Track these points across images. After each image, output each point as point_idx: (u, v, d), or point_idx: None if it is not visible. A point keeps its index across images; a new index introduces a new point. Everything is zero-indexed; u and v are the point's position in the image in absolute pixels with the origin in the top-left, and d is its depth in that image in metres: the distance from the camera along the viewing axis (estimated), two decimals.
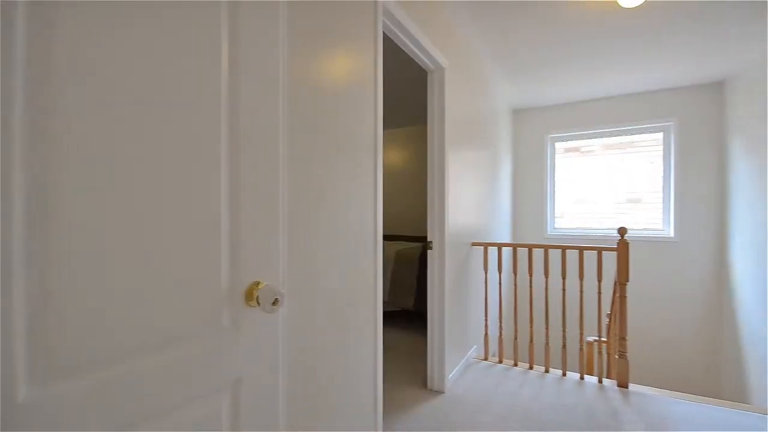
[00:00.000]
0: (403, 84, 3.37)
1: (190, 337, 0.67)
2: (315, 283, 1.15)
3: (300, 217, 1.09)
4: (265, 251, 0.81)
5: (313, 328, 1.15)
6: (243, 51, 0.74)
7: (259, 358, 0.80)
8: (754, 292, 3.08)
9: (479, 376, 2.45)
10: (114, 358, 0.56)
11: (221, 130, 0.71)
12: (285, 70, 1.02)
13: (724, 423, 1.93)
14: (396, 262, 3.18)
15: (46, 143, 0.48)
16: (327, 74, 1.20)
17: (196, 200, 0.67)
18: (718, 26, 2.56)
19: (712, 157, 3.79)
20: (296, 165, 1.07)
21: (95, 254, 0.53)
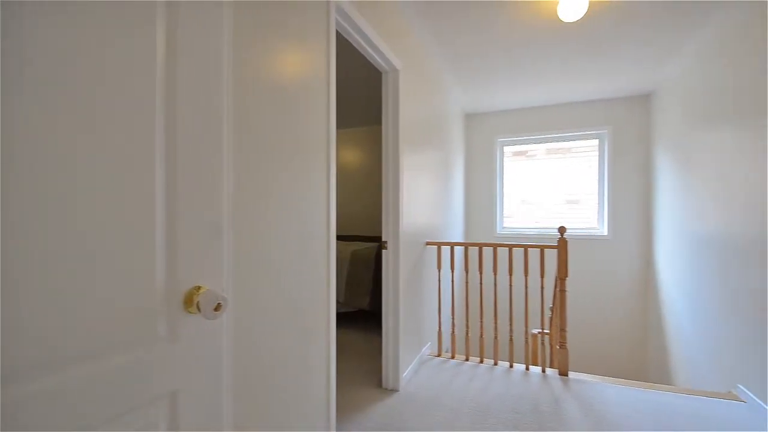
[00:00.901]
0: (359, 84, 3.37)
1: (119, 347, 0.61)
2: (265, 286, 1.11)
3: (248, 217, 1.04)
4: (206, 254, 0.77)
5: (262, 332, 1.11)
6: (182, 45, 0.70)
7: (199, 368, 0.75)
8: (675, 284, 3.44)
9: (433, 373, 2.51)
10: (29, 371, 0.50)
11: (155, 127, 0.66)
12: (230, 66, 0.97)
13: (649, 403, 2.13)
14: (352, 263, 3.17)
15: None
16: (278, 71, 1.16)
17: (127, 201, 0.61)
18: (646, 45, 2.83)
19: (640, 162, 4.18)
20: (244, 163, 1.03)
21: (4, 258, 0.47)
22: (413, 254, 2.53)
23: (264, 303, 1.11)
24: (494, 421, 1.95)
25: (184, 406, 0.72)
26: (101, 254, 0.58)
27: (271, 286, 1.14)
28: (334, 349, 1.47)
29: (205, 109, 0.75)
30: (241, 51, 1.01)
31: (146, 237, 0.65)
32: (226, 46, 0.82)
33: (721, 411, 2.05)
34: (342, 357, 2.75)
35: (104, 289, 0.59)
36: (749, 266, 2.17)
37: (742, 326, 2.24)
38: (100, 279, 0.58)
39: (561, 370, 2.50)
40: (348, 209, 4.75)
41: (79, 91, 0.55)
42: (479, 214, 4.85)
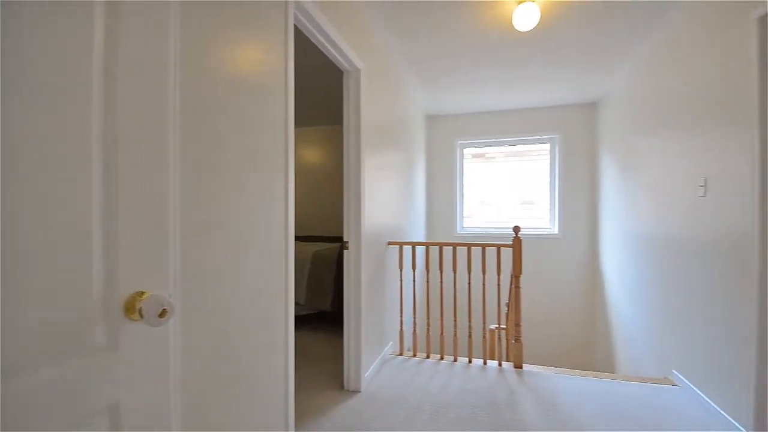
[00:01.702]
0: (321, 82, 3.32)
1: (48, 359, 0.56)
2: (218, 289, 1.07)
3: (199, 217, 1.00)
4: (150, 257, 0.72)
5: (216, 337, 1.06)
6: (123, 42, 0.65)
7: (143, 378, 0.71)
8: (618, 279, 3.71)
9: (394, 372, 2.53)
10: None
11: (92, 120, 0.61)
12: (178, 62, 0.92)
13: (595, 391, 2.28)
14: (313, 264, 3.12)
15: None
16: (233, 68, 1.12)
17: (59, 200, 0.57)
18: (592, 57, 3.03)
19: (587, 166, 4.48)
20: (194, 161, 0.98)
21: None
22: (375, 254, 2.54)
23: (217, 307, 1.07)
24: (453, 415, 2.00)
25: (127, 420, 0.67)
26: (25, 257, 0.53)
27: (224, 289, 1.09)
28: (292, 352, 1.44)
29: (150, 104, 0.71)
30: (191, 48, 0.96)
31: (81, 238, 0.60)
32: (173, 42, 0.78)
33: (658, 395, 2.24)
34: (303, 360, 2.70)
35: (29, 296, 0.54)
36: (682, 262, 2.38)
37: (676, 317, 2.45)
38: (24, 285, 0.53)
39: (516, 363, 2.62)
40: (310, 209, 4.67)
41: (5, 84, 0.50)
42: (440, 215, 4.96)
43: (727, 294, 1.90)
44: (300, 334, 3.19)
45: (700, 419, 1.96)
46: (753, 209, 1.69)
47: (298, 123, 4.61)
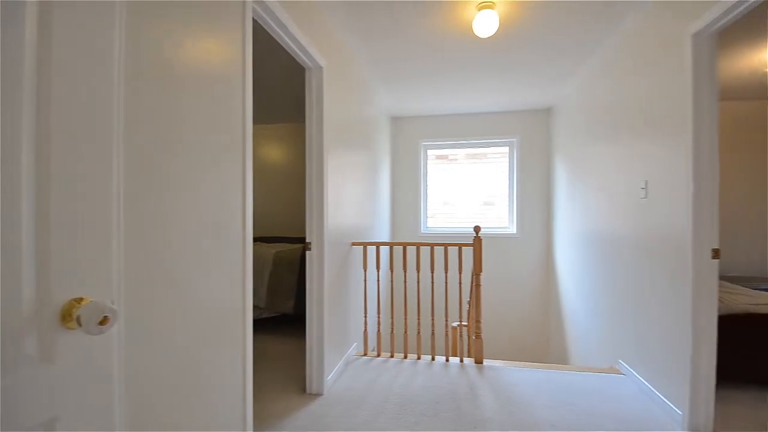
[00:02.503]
0: (286, 79, 3.24)
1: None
2: (169, 293, 1.01)
3: (147, 217, 0.94)
4: (89, 260, 0.67)
5: (166, 345, 1.00)
6: (59, 34, 0.60)
7: (83, 390, 0.65)
8: (570, 276, 3.93)
9: (358, 373, 2.52)
10: None
11: (23, 114, 0.56)
12: (123, 51, 0.86)
13: (550, 381, 2.40)
14: (275, 265, 3.03)
15: None
16: (187, 59, 1.06)
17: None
18: (547, 66, 3.19)
19: (542, 168, 4.71)
20: (142, 157, 0.92)
21: None
22: (339, 255, 2.52)
23: (168, 312, 1.01)
24: (416, 413, 2.02)
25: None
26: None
27: (176, 293, 1.04)
28: (251, 357, 1.40)
29: (89, 97, 0.66)
30: (138, 38, 0.90)
31: (9, 244, 0.54)
32: (119, 31, 0.72)
33: (605, 383, 2.39)
34: (263, 365, 2.62)
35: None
36: (627, 259, 2.56)
37: (621, 310, 2.64)
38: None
39: (476, 358, 2.70)
40: (272, 209, 4.54)
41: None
42: (405, 215, 5.01)
43: (665, 288, 2.07)
44: (261, 339, 3.09)
45: (642, 404, 2.13)
46: (687, 209, 1.85)
47: (262, 120, 4.47)
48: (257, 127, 4.59)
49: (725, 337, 1.99)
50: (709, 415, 1.82)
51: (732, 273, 4.07)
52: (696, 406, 1.83)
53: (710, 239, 1.80)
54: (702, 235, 1.80)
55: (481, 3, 2.29)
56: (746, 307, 2.33)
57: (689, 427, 1.84)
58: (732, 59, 3.01)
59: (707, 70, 1.81)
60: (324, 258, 2.15)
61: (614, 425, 1.91)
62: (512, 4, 2.29)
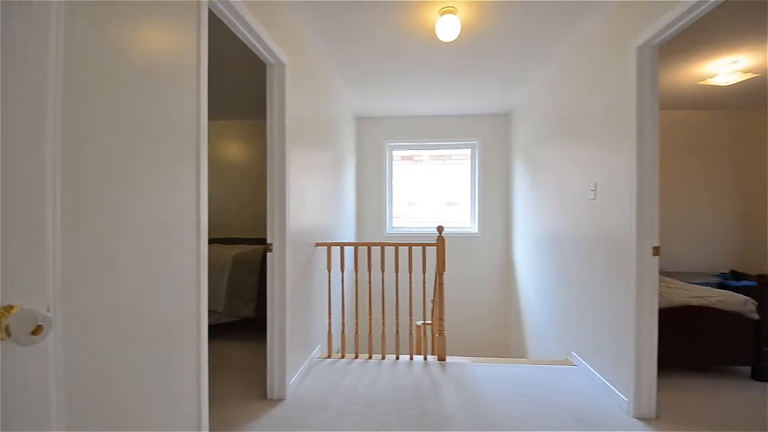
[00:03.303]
0: (246, 75, 3.12)
1: None
2: (113, 299, 0.93)
3: (88, 217, 0.86)
4: (20, 264, 0.61)
5: (110, 354, 0.92)
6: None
7: (16, 404, 0.59)
8: (528, 273, 4.09)
9: (322, 375, 2.48)
10: None
11: None
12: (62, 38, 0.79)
13: (508, 375, 2.49)
14: (234, 267, 2.91)
15: None
16: (132, 53, 0.99)
17: None
18: (505, 72, 3.30)
19: (502, 171, 4.88)
20: (84, 155, 0.84)
21: None
22: (302, 256, 2.46)
23: (112, 319, 0.93)
24: (380, 413, 2.02)
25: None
26: None
27: (123, 298, 0.96)
28: (205, 364, 1.33)
29: (18, 88, 0.59)
30: (81, 32, 0.83)
31: None
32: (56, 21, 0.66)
33: (559, 375, 2.51)
34: (222, 371, 2.51)
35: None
36: (578, 257, 2.71)
37: (574, 305, 2.78)
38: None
39: (440, 356, 2.74)
40: (231, 209, 4.36)
41: None
42: (370, 215, 5.01)
43: (612, 283, 2.21)
44: (220, 345, 2.96)
45: (592, 392, 2.25)
46: (631, 210, 1.99)
47: (223, 116, 4.29)
48: (218, 123, 4.40)
49: (665, 328, 2.16)
50: (651, 401, 1.97)
51: (671, 269, 4.43)
52: (640, 393, 1.97)
53: (651, 237, 1.94)
54: (644, 234, 1.94)
55: (443, 8, 2.33)
56: (683, 300, 2.54)
57: (634, 413, 1.97)
58: (672, 72, 3.27)
59: (649, 81, 1.95)
60: (286, 259, 2.09)
61: (566, 414, 2.01)
62: (473, 10, 2.34)
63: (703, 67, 3.13)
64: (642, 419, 1.96)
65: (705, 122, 4.46)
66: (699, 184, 4.48)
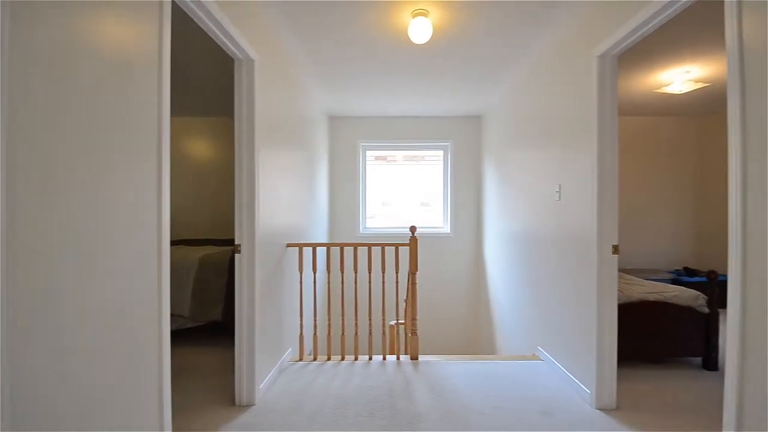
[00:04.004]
0: (215, 70, 3.02)
1: None
2: (63, 308, 0.87)
3: (32, 220, 0.80)
4: None
5: (60, 365, 0.87)
6: None
7: None
8: (497, 272, 4.19)
9: (293, 379, 2.43)
10: None
11: None
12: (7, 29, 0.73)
13: (478, 371, 2.54)
14: (200, 270, 2.81)
15: None
16: (87, 41, 0.93)
17: None
18: (477, 75, 3.37)
19: (473, 172, 4.98)
20: (31, 154, 0.79)
21: None
22: (272, 257, 2.41)
23: (63, 329, 0.87)
24: (353, 413, 2.01)
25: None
26: None
27: (73, 306, 0.90)
28: (168, 371, 1.27)
29: None
30: (29, 24, 0.77)
31: None
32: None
33: (526, 369, 2.59)
34: (188, 378, 2.42)
35: None
36: (544, 255, 2.80)
37: (540, 301, 2.88)
38: None
39: (412, 355, 2.76)
40: (199, 209, 4.20)
41: None
42: (344, 215, 4.98)
43: (576, 280, 2.30)
44: (186, 350, 2.85)
45: (557, 385, 2.34)
46: (592, 209, 2.08)
47: (191, 113, 4.12)
48: (186, 120, 4.23)
49: (624, 323, 2.27)
50: (612, 392, 2.06)
51: (629, 266, 4.67)
52: (602, 385, 2.06)
53: (611, 237, 2.04)
54: (604, 233, 2.04)
55: (415, 10, 2.35)
56: (641, 295, 2.68)
57: (596, 404, 2.06)
58: (630, 80, 3.45)
59: (609, 88, 2.05)
60: (255, 261, 2.04)
61: (533, 407, 2.08)
62: (445, 13, 2.38)
63: (659, 76, 3.33)
64: (603, 410, 2.05)
65: (661, 128, 4.74)
66: (655, 187, 4.75)
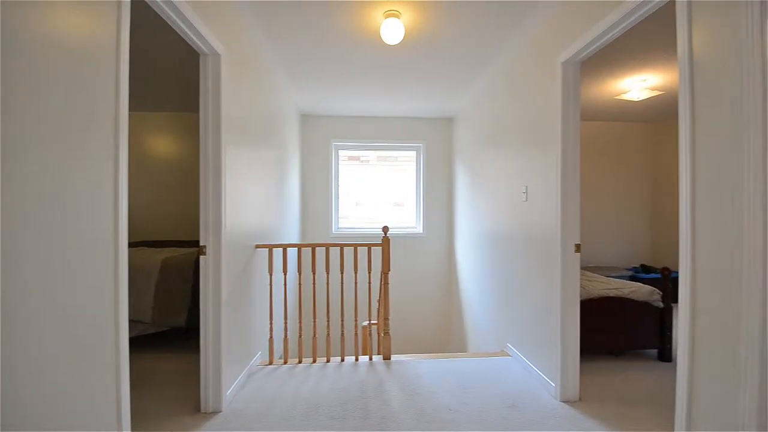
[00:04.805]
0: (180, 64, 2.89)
1: None
2: (10, 315, 0.80)
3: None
4: None
5: (8, 377, 0.80)
6: None
7: None
8: (468, 270, 4.27)
9: (262, 383, 2.37)
10: None
11: None
12: None
13: (449, 369, 2.57)
14: (163, 273, 2.67)
15: None
16: (34, 35, 0.86)
17: None
18: (449, 78, 3.42)
19: (445, 173, 5.06)
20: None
21: None
22: (240, 259, 2.34)
23: (8, 335, 0.80)
24: (324, 416, 1.98)
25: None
26: None
27: (20, 314, 0.83)
28: (126, 381, 1.20)
29: None
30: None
31: None
32: None
33: (495, 365, 2.65)
34: (151, 386, 2.30)
35: None
36: (512, 254, 2.88)
37: (509, 299, 2.96)
38: None
39: (385, 355, 2.76)
40: (162, 210, 4.00)
41: None
42: (316, 215, 4.92)
43: (541, 278, 2.38)
44: (148, 357, 2.71)
45: (524, 380, 2.41)
46: (557, 210, 2.16)
47: (154, 107, 3.93)
48: (148, 115, 4.03)
49: (586, 318, 2.38)
50: (575, 384, 2.15)
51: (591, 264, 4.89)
52: (565, 379, 2.14)
53: (573, 236, 2.12)
54: (567, 233, 2.12)
55: (387, 11, 2.35)
56: (602, 292, 2.81)
57: (561, 397, 2.14)
58: (592, 87, 3.62)
59: (572, 93, 2.13)
60: (222, 263, 1.97)
61: (501, 402, 2.13)
62: (417, 15, 2.39)
63: (618, 83, 3.51)
64: (567, 402, 2.13)
65: (621, 133, 5.00)
66: (614, 189, 5.01)
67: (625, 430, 1.87)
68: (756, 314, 1.06)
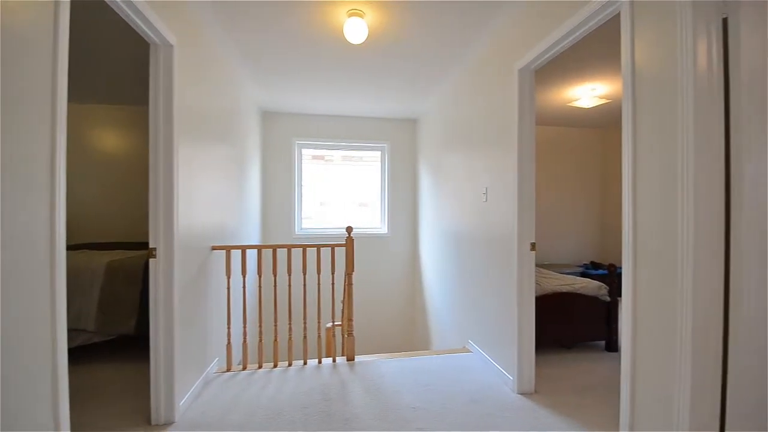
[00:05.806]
0: (133, 54, 2.69)
1: None
2: None
3: None
4: None
5: None
6: None
7: None
8: (431, 269, 4.34)
9: (220, 391, 2.27)
10: None
11: None
12: None
13: (412, 367, 2.60)
14: (108, 277, 2.48)
15: None
16: None
17: None
18: (413, 80, 3.45)
19: (409, 173, 5.11)
20: None
21: None
22: (194, 261, 2.22)
23: None
24: (286, 421, 1.93)
25: None
26: None
27: None
28: (65, 396, 1.10)
29: None
30: None
31: None
32: None
33: (457, 362, 2.72)
34: (96, 398, 2.13)
35: None
36: (473, 253, 2.96)
37: (469, 297, 3.04)
38: None
39: (349, 356, 2.74)
40: (109, 209, 3.71)
41: None
42: (278, 215, 4.79)
43: (499, 275, 2.46)
44: (93, 368, 2.50)
45: (485, 375, 2.48)
46: (513, 210, 2.25)
47: (100, 99, 3.63)
48: (94, 107, 3.73)
49: (541, 313, 2.49)
50: (531, 377, 2.25)
51: (545, 261, 5.14)
52: (522, 372, 2.23)
53: (529, 234, 2.22)
54: (523, 232, 2.21)
55: (350, 10, 2.34)
56: (554, 287, 2.96)
57: (518, 390, 2.23)
58: (547, 94, 3.80)
59: (528, 99, 2.23)
60: (174, 266, 1.86)
61: (462, 398, 2.18)
62: (381, 15, 2.39)
63: (570, 91, 3.72)
64: (524, 394, 2.22)
65: (571, 137, 5.30)
66: (567, 190, 5.30)
67: (577, 418, 1.98)
68: (688, 298, 1.16)
